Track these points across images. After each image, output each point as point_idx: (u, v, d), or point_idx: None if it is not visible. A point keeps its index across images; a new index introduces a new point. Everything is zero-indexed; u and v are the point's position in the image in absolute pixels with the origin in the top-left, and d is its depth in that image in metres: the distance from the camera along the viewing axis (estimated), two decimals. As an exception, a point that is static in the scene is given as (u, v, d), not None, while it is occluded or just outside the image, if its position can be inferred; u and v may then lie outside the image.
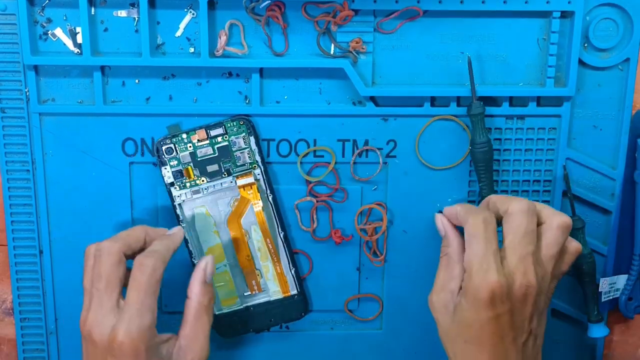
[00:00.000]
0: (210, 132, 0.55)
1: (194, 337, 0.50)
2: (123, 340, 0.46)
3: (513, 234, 0.48)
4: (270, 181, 0.56)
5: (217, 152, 0.55)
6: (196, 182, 0.55)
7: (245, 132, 0.55)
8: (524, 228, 0.48)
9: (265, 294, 0.58)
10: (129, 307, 0.47)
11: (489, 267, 0.47)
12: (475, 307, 0.47)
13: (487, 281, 0.47)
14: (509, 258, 0.48)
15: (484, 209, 0.50)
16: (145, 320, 0.47)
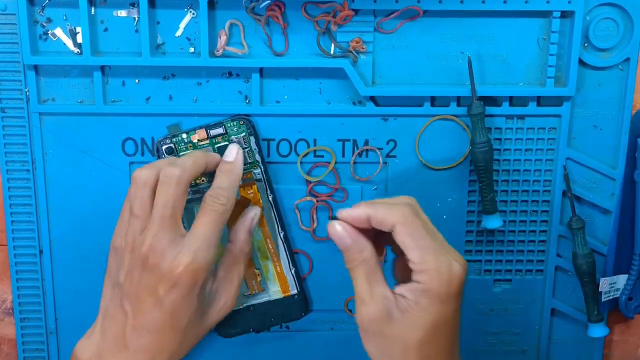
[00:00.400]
0: (210, 132, 0.55)
1: (229, 280, 0.52)
2: (186, 270, 0.47)
3: (428, 221, 0.48)
4: (271, 181, 0.56)
5: (217, 152, 0.55)
6: (196, 182, 0.55)
7: (246, 131, 0.55)
8: (427, 217, 0.48)
9: (265, 294, 0.58)
10: (197, 239, 0.48)
11: (447, 259, 0.45)
12: (444, 303, 0.45)
13: (455, 274, 0.45)
14: (442, 246, 0.47)
15: (403, 201, 0.48)
16: (210, 254, 0.48)
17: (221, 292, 0.52)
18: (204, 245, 0.48)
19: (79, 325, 0.56)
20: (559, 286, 0.60)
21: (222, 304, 0.52)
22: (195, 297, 0.49)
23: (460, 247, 0.59)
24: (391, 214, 0.46)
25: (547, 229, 0.59)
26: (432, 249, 0.45)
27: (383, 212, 0.46)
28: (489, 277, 0.60)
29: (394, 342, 0.46)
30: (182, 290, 0.48)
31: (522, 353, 0.62)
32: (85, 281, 0.57)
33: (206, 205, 0.50)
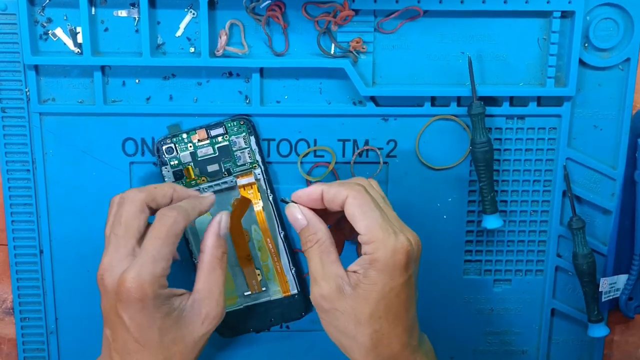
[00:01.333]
0: (211, 132, 0.55)
1: (207, 290, 0.50)
2: (131, 285, 0.46)
3: (382, 199, 0.49)
4: (271, 180, 0.56)
5: (217, 152, 0.55)
6: (196, 182, 0.55)
7: (246, 131, 0.55)
8: (381, 196, 0.49)
9: (265, 294, 0.58)
10: (143, 253, 0.47)
11: (394, 230, 0.46)
12: (391, 274, 0.46)
13: (401, 244, 0.46)
14: (393, 222, 0.48)
15: (353, 180, 0.50)
16: (157, 268, 0.47)
17: (202, 303, 0.49)
18: (148, 258, 0.47)
19: (79, 325, 0.56)
20: (559, 286, 0.60)
21: (204, 315, 0.49)
22: (155, 310, 0.47)
23: (460, 247, 0.59)
24: (342, 189, 0.48)
25: (547, 229, 0.59)
26: (378, 221, 0.47)
27: (335, 188, 0.48)
28: (489, 277, 0.60)
29: (347, 317, 0.47)
30: (135, 305, 0.46)
31: (522, 353, 0.62)
32: (86, 281, 0.57)
33: (156, 219, 0.49)
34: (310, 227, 0.49)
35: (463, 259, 0.59)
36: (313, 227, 0.49)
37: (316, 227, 0.49)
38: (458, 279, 0.60)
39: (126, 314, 0.47)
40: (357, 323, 0.47)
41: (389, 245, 0.46)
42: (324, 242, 0.49)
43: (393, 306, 0.47)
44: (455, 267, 0.60)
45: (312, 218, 0.49)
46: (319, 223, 0.49)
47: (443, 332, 0.61)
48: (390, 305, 0.47)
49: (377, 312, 0.47)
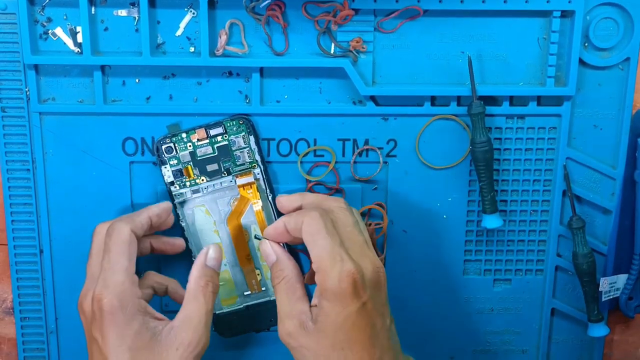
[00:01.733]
0: (210, 132, 0.55)
1: (187, 318, 0.49)
2: (98, 298, 0.47)
3: (343, 226, 0.48)
4: (270, 180, 0.56)
5: (216, 152, 0.55)
6: (196, 182, 0.55)
7: (245, 131, 0.55)
8: (351, 220, 0.49)
9: (265, 294, 0.58)
10: (103, 270, 0.48)
11: (342, 257, 0.46)
12: (341, 303, 0.46)
13: (345, 271, 0.45)
14: (351, 248, 0.47)
15: (313, 207, 0.50)
16: (117, 278, 0.48)
17: (178, 330, 0.48)
18: (107, 272, 0.48)
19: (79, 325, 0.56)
20: (559, 286, 0.60)
21: (179, 341, 0.48)
22: (125, 325, 0.47)
23: (460, 247, 0.59)
24: (300, 217, 0.48)
25: (547, 229, 0.59)
26: (327, 249, 0.46)
27: (295, 218, 0.49)
28: (489, 277, 0.60)
29: (312, 353, 0.47)
30: (106, 319, 0.47)
31: (522, 353, 0.62)
32: (86, 281, 0.57)
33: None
34: (279, 263, 0.50)
35: (463, 258, 0.59)
36: (281, 263, 0.50)
37: (283, 264, 0.50)
38: (458, 278, 0.60)
39: (98, 331, 0.47)
40: (322, 357, 0.46)
41: (334, 274, 0.46)
42: (290, 280, 0.49)
43: (353, 335, 0.46)
44: (455, 266, 0.60)
45: (280, 254, 0.51)
46: (287, 260, 0.50)
47: (443, 331, 0.61)
48: (350, 334, 0.46)
49: (338, 343, 0.46)
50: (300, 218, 0.48)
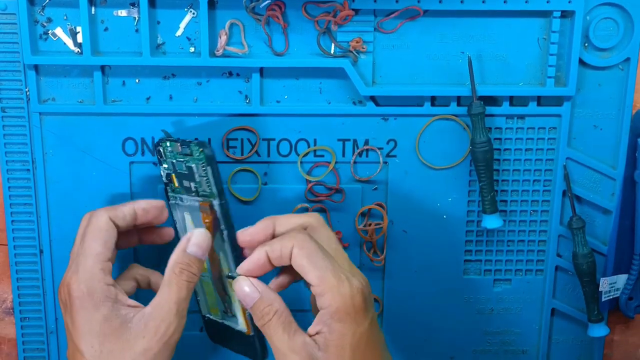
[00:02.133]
0: (182, 149, 0.50)
1: (158, 306, 0.47)
2: (67, 283, 0.47)
3: (329, 242, 0.47)
4: (229, 215, 0.50)
5: (187, 171, 0.50)
6: (180, 191, 0.52)
7: (204, 160, 0.48)
8: (332, 235, 0.48)
9: (234, 321, 0.53)
10: (76, 256, 0.48)
11: (345, 275, 0.45)
12: (356, 321, 0.44)
13: (356, 287, 0.44)
14: (343, 264, 0.47)
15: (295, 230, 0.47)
16: (87, 263, 0.47)
17: (148, 317, 0.47)
18: (80, 258, 0.48)
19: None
20: (559, 286, 0.60)
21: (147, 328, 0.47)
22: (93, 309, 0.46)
23: (460, 247, 0.59)
24: (286, 242, 0.46)
25: (547, 229, 0.59)
26: (330, 269, 0.45)
27: (278, 244, 0.46)
28: (489, 277, 0.60)
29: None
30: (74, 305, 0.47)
31: (522, 353, 0.62)
32: (86, 281, 0.57)
33: None
34: (265, 299, 0.46)
35: (463, 258, 0.59)
36: (267, 298, 0.46)
37: (271, 298, 0.46)
38: (458, 278, 0.60)
39: (69, 317, 0.47)
40: None
41: (344, 292, 0.44)
42: (282, 312, 0.46)
43: (368, 352, 0.45)
44: (455, 266, 0.60)
45: (264, 289, 0.47)
46: (272, 292, 0.47)
47: (443, 332, 0.61)
48: (365, 352, 0.45)
49: (350, 352, 0.45)
50: (288, 243, 0.45)
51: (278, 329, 0.46)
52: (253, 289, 0.46)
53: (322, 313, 0.45)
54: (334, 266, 0.45)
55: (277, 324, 0.46)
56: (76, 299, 0.46)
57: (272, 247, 0.46)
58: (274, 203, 0.57)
